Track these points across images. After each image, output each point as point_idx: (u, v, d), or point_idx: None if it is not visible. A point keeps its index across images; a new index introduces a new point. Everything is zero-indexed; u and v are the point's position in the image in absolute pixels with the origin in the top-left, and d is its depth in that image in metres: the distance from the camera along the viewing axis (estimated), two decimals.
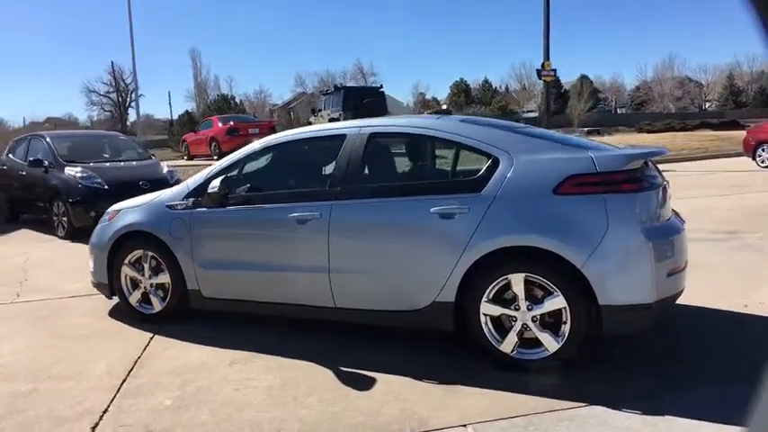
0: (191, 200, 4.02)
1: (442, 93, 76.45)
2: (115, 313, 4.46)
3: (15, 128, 52.29)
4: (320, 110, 20.14)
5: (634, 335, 3.14)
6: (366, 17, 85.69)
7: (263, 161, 4.10)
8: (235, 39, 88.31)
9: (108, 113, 67.02)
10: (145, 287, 4.25)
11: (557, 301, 3.05)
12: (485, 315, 3.21)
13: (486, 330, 3.23)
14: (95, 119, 67.25)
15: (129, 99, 68.60)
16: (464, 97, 72.38)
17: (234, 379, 3.25)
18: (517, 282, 3.12)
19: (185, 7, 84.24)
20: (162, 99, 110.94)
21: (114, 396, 3.06)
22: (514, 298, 3.15)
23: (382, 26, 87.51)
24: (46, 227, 8.49)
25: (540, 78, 18.55)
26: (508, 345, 3.17)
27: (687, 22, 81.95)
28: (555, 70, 18.18)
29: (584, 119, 63.02)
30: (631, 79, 72.21)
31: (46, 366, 3.50)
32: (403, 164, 3.75)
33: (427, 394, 2.97)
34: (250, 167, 4.07)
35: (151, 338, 3.95)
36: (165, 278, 4.15)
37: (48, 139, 8.71)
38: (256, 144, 4.08)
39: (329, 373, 3.28)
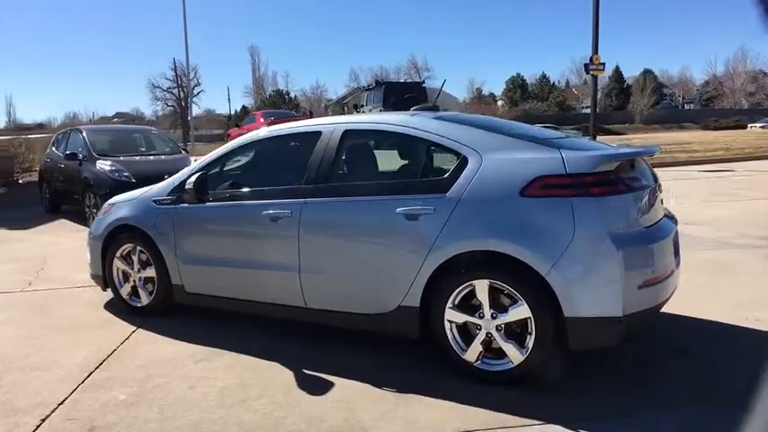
0: (175, 195, 4.04)
1: (497, 88, 75.30)
2: (110, 305, 4.55)
3: (85, 122, 55.21)
4: (362, 106, 20.12)
5: (602, 349, 2.90)
6: (421, 12, 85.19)
7: (243, 158, 4.08)
8: (293, 35, 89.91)
9: (171, 108, 69.63)
10: (134, 280, 4.32)
11: (521, 311, 2.87)
12: (449, 322, 3.07)
13: (450, 338, 3.08)
14: (160, 113, 70.17)
15: (191, 94, 71.28)
16: (520, 93, 71.03)
17: (194, 376, 3.24)
18: (482, 288, 2.95)
19: (248, 4, 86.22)
20: (223, 94, 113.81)
21: (75, 389, 3.10)
22: (480, 305, 2.98)
23: (437, 21, 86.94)
24: (81, 218, 8.83)
25: (588, 73, 17.82)
26: (472, 354, 3.02)
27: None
28: (604, 64, 17.42)
29: (647, 115, 60.62)
30: (700, 73, 68.55)
31: (23, 356, 3.60)
32: (374, 162, 3.63)
33: (378, 402, 2.86)
34: (230, 164, 4.05)
35: (133, 332, 4.00)
36: (152, 272, 4.20)
37: (83, 134, 9.06)
38: (238, 140, 4.05)
39: (289, 375, 3.22)
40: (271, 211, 3.55)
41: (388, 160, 3.61)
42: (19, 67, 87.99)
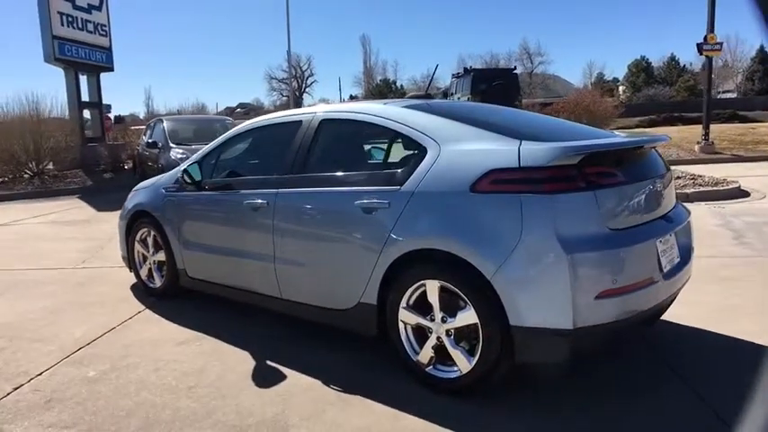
0: (179, 183, 4.19)
1: (619, 72, 70.50)
2: (134, 286, 4.84)
3: (212, 112, 59.38)
4: (452, 93, 19.74)
5: (550, 364, 2.59)
6: None
7: (235, 147, 4.13)
8: (404, 23, 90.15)
9: (286, 98, 72.89)
10: (150, 263, 4.55)
11: (469, 316, 2.65)
12: (403, 322, 2.91)
13: (404, 339, 2.92)
14: (277, 103, 73.68)
15: (304, 85, 74.22)
16: (644, 77, 65.95)
17: (165, 359, 3.35)
18: (432, 289, 2.77)
19: None
20: (336, 85, 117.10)
21: (58, 362, 3.33)
22: (432, 307, 2.80)
23: (553, 1, 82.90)
24: None
25: (702, 53, 16.09)
26: (424, 358, 2.84)
27: None
28: (721, 44, 15.69)
29: None
30: None
31: (37, 327, 3.93)
32: (344, 152, 3.50)
33: (317, 401, 2.78)
34: (225, 153, 4.12)
35: (140, 311, 4.23)
36: (162, 256, 4.41)
37: (164, 124, 9.73)
38: (235, 129, 4.11)
39: (250, 366, 3.23)
40: (251, 201, 3.58)
41: (358, 150, 3.48)
42: (156, 63, 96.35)
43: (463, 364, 2.70)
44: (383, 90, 63.37)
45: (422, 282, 2.80)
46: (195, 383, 3.02)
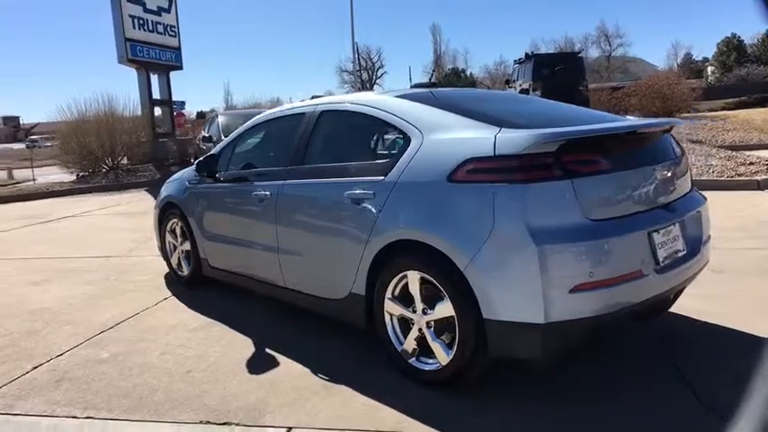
0: (200, 175, 4.35)
1: (708, 52, 66.00)
2: (169, 274, 5.09)
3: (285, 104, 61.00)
4: (514, 81, 19.20)
5: (524, 359, 2.49)
6: None
7: (248, 139, 4.23)
8: (475, 10, 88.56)
9: (356, 90, 73.67)
10: (178, 252, 4.77)
11: (446, 308, 2.60)
12: (388, 313, 2.91)
13: (389, 330, 2.92)
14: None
15: (374, 76, 74.71)
16: (735, 56, 61.31)
17: (174, 344, 3.51)
18: (413, 280, 2.74)
19: None
20: (407, 75, 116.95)
21: (80, 344, 3.58)
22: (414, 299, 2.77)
23: None
24: None
25: None
26: (408, 349, 2.83)
27: None
28: None
29: None
30: None
31: (72, 311, 4.23)
32: (340, 143, 3.50)
33: (300, 389, 2.83)
34: (239, 146, 4.23)
35: (166, 299, 4.45)
36: (188, 245, 4.61)
37: (219, 119, 10.13)
38: (250, 121, 4.22)
39: (250, 352, 3.33)
40: (257, 193, 3.67)
41: (351, 141, 3.47)
42: (236, 59, 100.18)
43: (442, 356, 2.66)
44: (452, 79, 62.60)
45: (404, 273, 2.78)
46: (193, 368, 3.15)
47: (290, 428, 2.49)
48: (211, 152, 4.31)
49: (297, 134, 3.56)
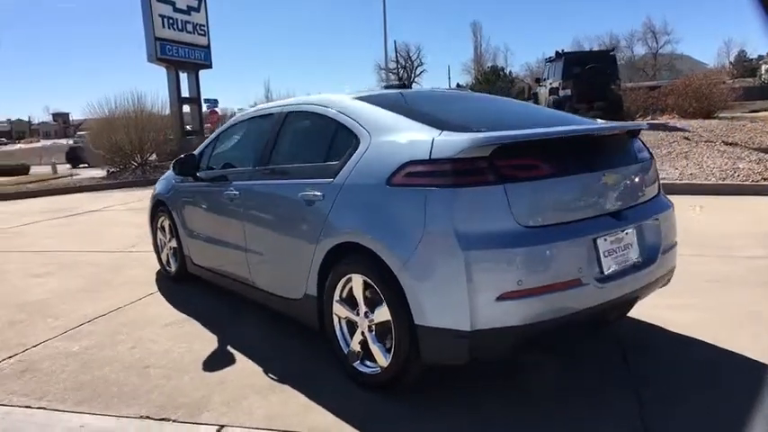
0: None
1: (763, 49, 63.29)
2: (160, 270, 5.20)
3: None
4: (545, 79, 18.82)
5: (452, 367, 2.45)
6: None
7: (226, 139, 4.27)
8: (516, 7, 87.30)
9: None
10: (167, 249, 4.88)
11: (384, 312, 2.59)
12: (336, 315, 2.91)
13: (337, 332, 2.92)
14: None
15: (413, 74, 74.51)
16: None
17: (144, 338, 3.59)
18: (357, 284, 2.74)
19: None
20: (446, 73, 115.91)
21: (55, 336, 3.70)
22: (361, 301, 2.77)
23: None
24: None
25: None
26: (353, 352, 2.82)
27: None
28: None
29: None
30: None
31: (57, 305, 4.37)
32: (301, 144, 3.50)
33: (246, 387, 2.86)
34: (218, 145, 4.28)
35: (150, 294, 4.56)
36: (175, 243, 4.70)
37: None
38: (230, 121, 4.28)
39: (213, 349, 3.39)
40: (229, 192, 3.72)
41: (309, 142, 3.46)
42: (276, 56, 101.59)
43: (381, 360, 2.65)
44: (490, 78, 61.86)
45: (349, 276, 2.77)
46: (153, 363, 3.22)
47: (222, 426, 2.52)
48: (193, 152, 4.39)
49: (265, 134, 3.60)
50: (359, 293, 2.73)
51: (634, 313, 3.43)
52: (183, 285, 4.66)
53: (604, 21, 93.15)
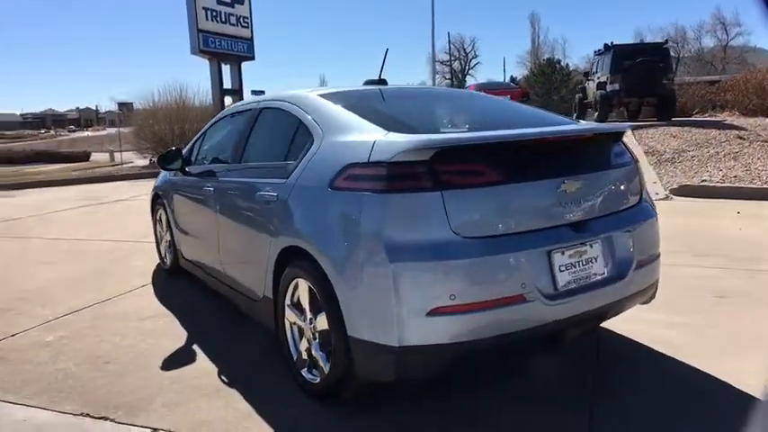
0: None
1: None
2: (142, 258, 5.24)
3: None
4: (594, 73, 18.02)
5: (382, 382, 2.29)
6: None
7: (212, 134, 4.23)
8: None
9: (448, 81, 72.88)
10: (164, 242, 4.91)
11: (323, 320, 2.47)
12: (288, 320, 2.81)
13: (289, 337, 2.82)
14: (441, 85, 74.06)
15: (467, 66, 73.45)
16: None
17: (116, 332, 3.60)
18: (303, 289, 2.63)
19: None
20: (500, 65, 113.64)
21: (36, 326, 3.76)
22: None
23: None
24: None
25: None
26: (300, 359, 2.72)
27: None
28: None
29: None
30: None
31: (51, 294, 4.46)
32: (268, 142, 3.39)
33: (193, 389, 2.80)
34: (205, 140, 4.24)
35: (142, 286, 4.59)
36: (170, 236, 4.72)
37: None
38: (218, 115, 4.24)
39: (178, 347, 3.37)
40: (207, 188, 3.69)
41: (274, 140, 3.34)
42: (332, 51, 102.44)
43: (322, 369, 2.53)
44: (546, 70, 60.19)
45: (297, 280, 2.67)
46: (115, 358, 3.22)
47: (155, 430, 2.46)
48: (180, 147, 4.37)
49: (241, 130, 3.54)
50: (305, 299, 2.62)
51: (625, 330, 3.19)
52: (177, 279, 4.68)
53: (670, 11, 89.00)
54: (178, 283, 4.59)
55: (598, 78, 16.95)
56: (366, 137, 2.42)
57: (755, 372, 2.65)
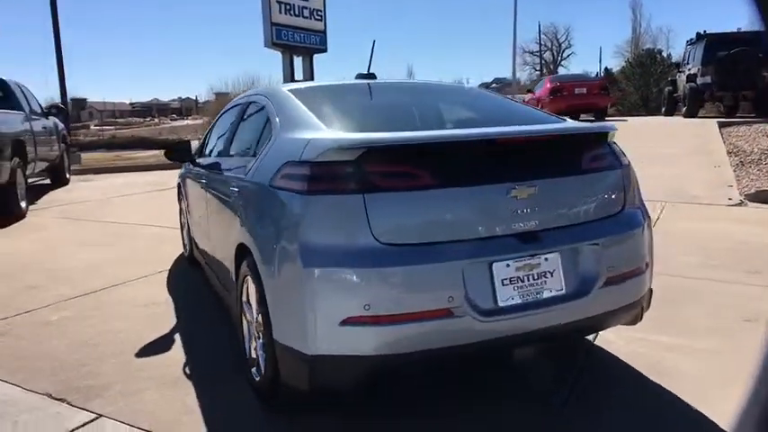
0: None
1: None
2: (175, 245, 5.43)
3: None
4: (685, 63, 16.64)
5: (298, 390, 2.18)
6: None
7: (217, 127, 4.26)
8: None
9: (537, 72, 70.50)
10: (185, 230, 5.05)
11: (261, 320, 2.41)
12: (244, 317, 2.78)
13: (245, 334, 2.79)
14: (534, 77, 71.73)
15: (559, 57, 70.64)
16: None
17: (114, 317, 3.74)
18: (251, 287, 2.58)
19: None
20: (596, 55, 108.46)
21: (50, 305, 3.99)
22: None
23: None
24: None
25: None
26: (251, 357, 2.68)
27: None
28: None
29: None
30: None
31: (78, 274, 4.72)
32: (244, 136, 3.34)
33: (153, 379, 2.84)
34: (212, 132, 4.29)
35: (158, 272, 4.75)
36: (187, 225, 4.85)
37: None
38: (225, 108, 4.27)
39: (160, 335, 3.42)
40: (202, 180, 3.75)
41: (249, 133, 3.28)
42: (418, 42, 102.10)
43: (261, 369, 2.48)
44: (644, 61, 56.53)
45: (247, 278, 2.63)
46: (100, 342, 3.34)
47: (99, 416, 2.52)
48: (188, 139, 4.46)
49: (232, 123, 3.57)
50: (253, 298, 2.57)
51: (622, 353, 2.89)
52: (193, 267, 4.79)
53: None
54: (194, 271, 4.70)
55: (688, 70, 15.69)
56: (307, 135, 2.32)
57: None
